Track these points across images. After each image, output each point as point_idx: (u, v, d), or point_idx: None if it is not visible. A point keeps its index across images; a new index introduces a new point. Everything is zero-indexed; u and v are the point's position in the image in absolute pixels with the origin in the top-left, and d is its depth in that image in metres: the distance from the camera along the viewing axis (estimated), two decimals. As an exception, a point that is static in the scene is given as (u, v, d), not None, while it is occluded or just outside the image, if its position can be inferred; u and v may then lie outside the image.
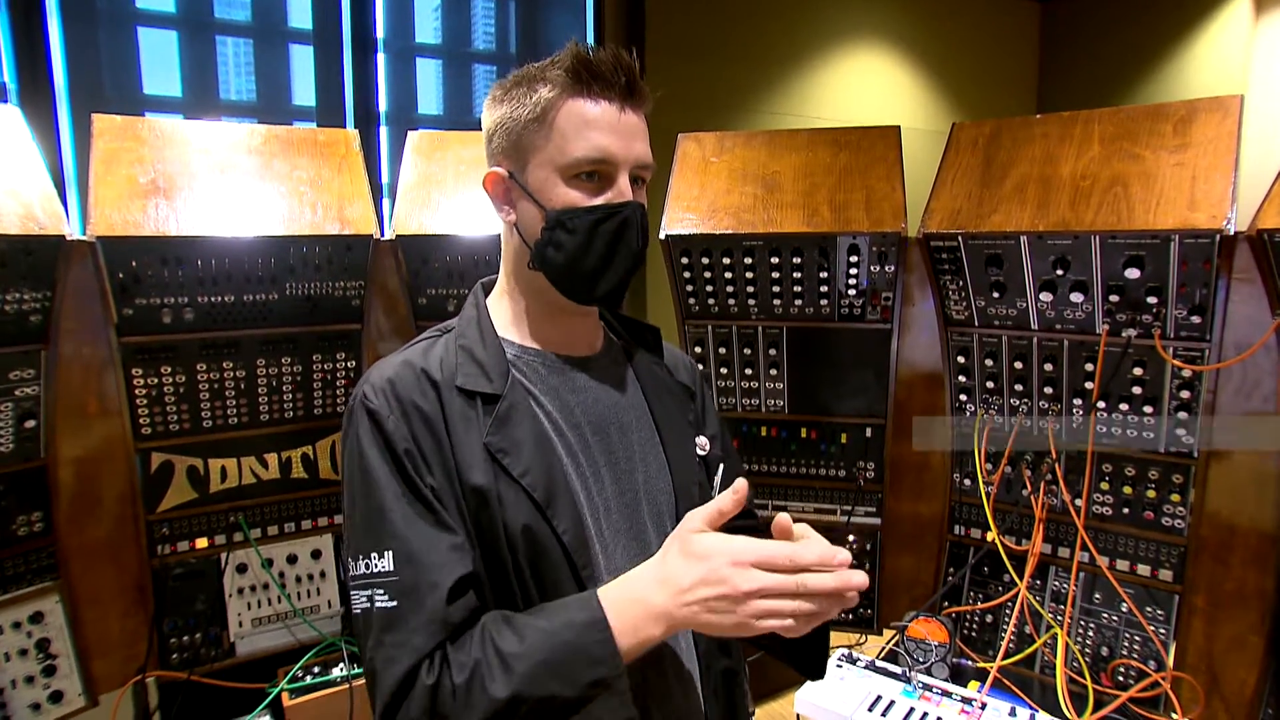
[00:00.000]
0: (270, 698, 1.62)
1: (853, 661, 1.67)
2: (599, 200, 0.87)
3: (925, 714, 1.49)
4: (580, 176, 0.86)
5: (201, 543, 1.68)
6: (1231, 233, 1.34)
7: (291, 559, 1.76)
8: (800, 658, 0.96)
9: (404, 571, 0.79)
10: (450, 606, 0.78)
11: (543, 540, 0.84)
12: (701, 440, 1.01)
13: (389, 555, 0.80)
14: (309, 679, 1.67)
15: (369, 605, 0.79)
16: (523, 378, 0.91)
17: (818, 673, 0.97)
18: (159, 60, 3.09)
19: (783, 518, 0.76)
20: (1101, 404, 1.57)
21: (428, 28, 3.75)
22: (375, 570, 0.80)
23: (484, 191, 0.93)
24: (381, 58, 3.45)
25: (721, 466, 1.01)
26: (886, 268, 1.77)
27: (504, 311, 0.96)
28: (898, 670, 1.63)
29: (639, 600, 0.76)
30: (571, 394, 0.93)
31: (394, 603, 0.78)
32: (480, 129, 0.94)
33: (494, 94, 0.91)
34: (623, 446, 0.94)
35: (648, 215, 0.92)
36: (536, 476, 0.85)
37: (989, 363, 1.71)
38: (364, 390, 0.87)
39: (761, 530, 0.76)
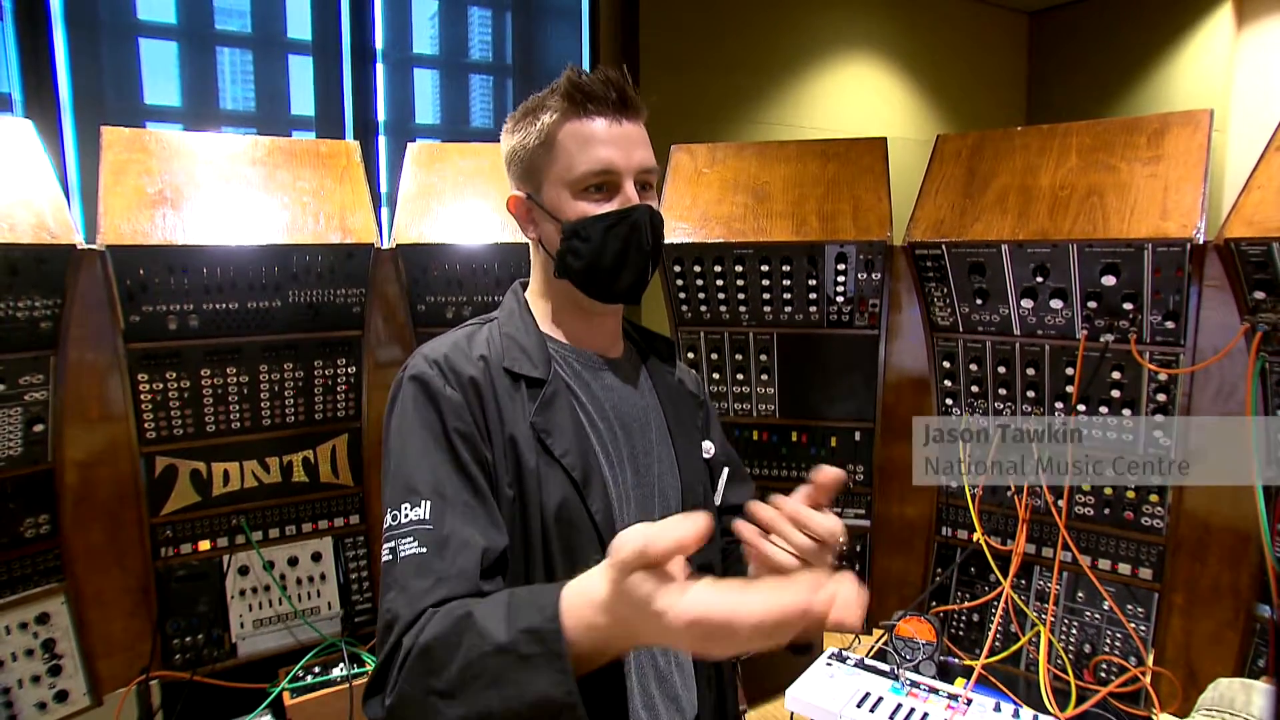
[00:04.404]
0: (271, 697, 1.65)
1: (842, 660, 1.70)
2: (608, 208, 0.95)
3: (913, 710, 1.52)
4: (589, 189, 0.94)
5: (204, 545, 1.71)
6: (1201, 241, 1.40)
7: (292, 561, 1.80)
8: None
9: (439, 523, 0.78)
10: (480, 572, 0.77)
11: (576, 518, 0.90)
12: (707, 444, 1.10)
13: (425, 505, 0.79)
14: (309, 679, 1.70)
15: (392, 558, 0.78)
16: (560, 369, 0.99)
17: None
18: (160, 71, 3.13)
19: (826, 472, 0.77)
20: (1082, 407, 1.62)
21: (425, 38, 3.80)
22: (407, 520, 0.79)
23: (509, 213, 1.02)
24: (380, 68, 3.49)
25: (725, 470, 1.10)
26: (873, 275, 1.82)
27: (539, 310, 1.04)
28: (886, 668, 1.66)
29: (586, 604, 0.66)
30: (601, 390, 1.01)
31: (423, 549, 0.77)
32: (477, 139, 1.01)
33: (507, 126, 1.00)
34: (642, 443, 1.01)
35: (659, 216, 1.01)
36: (575, 458, 0.91)
37: (973, 367, 1.76)
38: (414, 365, 0.90)
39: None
